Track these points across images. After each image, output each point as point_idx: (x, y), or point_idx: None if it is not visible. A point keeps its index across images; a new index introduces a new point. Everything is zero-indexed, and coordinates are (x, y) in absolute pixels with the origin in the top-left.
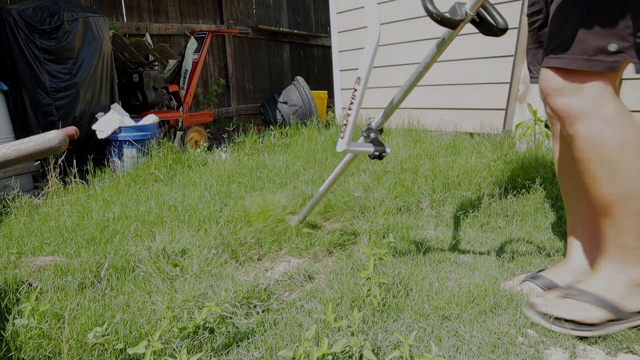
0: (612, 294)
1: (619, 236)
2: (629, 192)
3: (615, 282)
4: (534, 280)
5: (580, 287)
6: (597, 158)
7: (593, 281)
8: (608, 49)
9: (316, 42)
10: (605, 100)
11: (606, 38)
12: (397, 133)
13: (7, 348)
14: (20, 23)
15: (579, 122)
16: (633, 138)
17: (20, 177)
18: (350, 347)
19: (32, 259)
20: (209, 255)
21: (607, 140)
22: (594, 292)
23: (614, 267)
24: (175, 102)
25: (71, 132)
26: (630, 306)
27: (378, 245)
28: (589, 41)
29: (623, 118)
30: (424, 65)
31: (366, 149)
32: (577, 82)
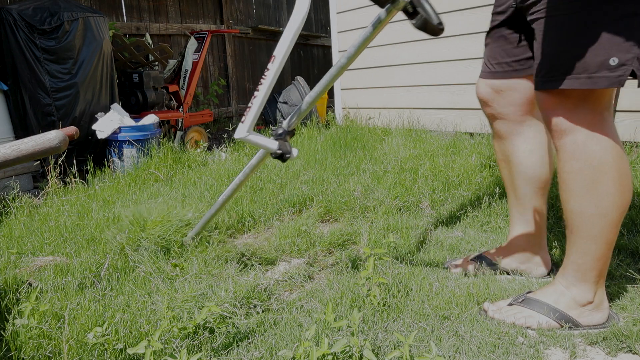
0: (560, 304)
1: (577, 254)
2: (597, 212)
3: (564, 294)
4: (478, 259)
5: (531, 297)
6: (577, 173)
7: (545, 291)
8: (610, 63)
9: (316, 42)
10: (597, 116)
11: (606, 53)
12: (397, 133)
13: (7, 348)
14: (20, 23)
15: (567, 135)
16: (614, 161)
17: (20, 177)
18: (350, 347)
19: (32, 259)
20: None
21: (590, 157)
22: (544, 302)
23: (566, 282)
24: (175, 102)
25: (71, 132)
26: (579, 319)
27: (378, 245)
28: (588, 59)
29: (609, 139)
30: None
31: (268, 144)
32: (572, 100)
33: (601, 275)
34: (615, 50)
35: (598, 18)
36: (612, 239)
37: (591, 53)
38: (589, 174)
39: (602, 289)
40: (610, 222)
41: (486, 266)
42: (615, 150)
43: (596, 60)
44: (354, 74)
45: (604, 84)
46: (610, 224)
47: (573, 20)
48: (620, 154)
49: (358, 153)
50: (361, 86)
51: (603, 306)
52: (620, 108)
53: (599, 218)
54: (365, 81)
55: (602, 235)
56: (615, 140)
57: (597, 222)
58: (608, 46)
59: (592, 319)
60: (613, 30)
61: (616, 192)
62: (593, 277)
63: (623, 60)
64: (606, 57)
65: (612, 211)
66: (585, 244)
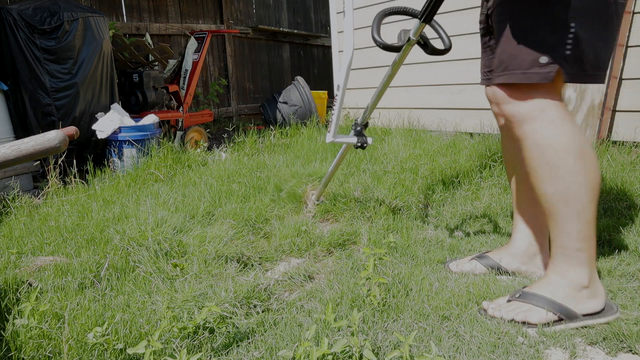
0: (556, 296)
1: (561, 237)
2: (567, 192)
3: (559, 284)
4: (479, 259)
5: (527, 291)
6: (541, 158)
7: (540, 285)
8: (540, 61)
9: (316, 42)
10: (549, 105)
11: (537, 52)
12: (397, 133)
13: (7, 348)
14: (20, 23)
15: (525, 125)
16: (572, 141)
17: (20, 177)
18: (350, 347)
19: (32, 259)
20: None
21: (549, 141)
22: (541, 295)
23: (558, 271)
24: (175, 102)
25: (71, 132)
26: (576, 308)
27: (378, 245)
28: (522, 56)
29: (564, 122)
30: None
31: (350, 140)
32: (522, 92)
33: (591, 257)
34: (545, 50)
35: (532, 22)
36: (591, 217)
37: (525, 52)
38: (551, 157)
39: (595, 276)
40: (583, 199)
41: (487, 266)
42: (572, 132)
43: (529, 58)
44: (354, 74)
45: (536, 79)
46: (585, 201)
47: (514, 24)
48: (577, 135)
49: (358, 153)
50: (361, 86)
51: (598, 292)
52: (620, 108)
53: (571, 197)
54: (365, 81)
55: (579, 213)
56: (571, 121)
57: (571, 201)
58: (539, 46)
59: (589, 306)
60: (544, 32)
61: (580, 170)
62: (583, 259)
63: (552, 58)
64: (537, 55)
65: (582, 189)
66: (565, 225)
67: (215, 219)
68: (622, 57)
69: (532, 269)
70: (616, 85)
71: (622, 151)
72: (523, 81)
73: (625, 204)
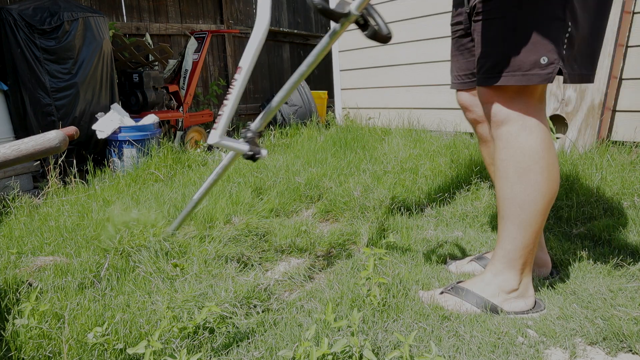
0: (485, 293)
1: (506, 240)
2: (526, 199)
3: (490, 283)
4: (478, 261)
5: (460, 285)
6: (510, 160)
7: (473, 281)
8: (541, 62)
9: (316, 42)
10: (530, 109)
11: (537, 52)
12: (397, 133)
13: (7, 348)
14: (20, 23)
15: (503, 126)
16: (543, 151)
17: (20, 177)
18: (350, 347)
19: (32, 259)
20: None
21: (522, 146)
22: (471, 290)
23: (493, 270)
24: (175, 102)
25: (71, 132)
26: (502, 306)
27: (378, 245)
28: (522, 58)
29: (540, 130)
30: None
31: (239, 146)
32: (508, 94)
33: (527, 264)
34: (545, 51)
35: (527, 21)
36: (538, 229)
37: (525, 53)
38: (521, 161)
39: (528, 278)
40: (537, 210)
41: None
42: (546, 142)
43: (529, 59)
44: (354, 74)
45: (537, 80)
46: (537, 211)
47: (502, 24)
48: (550, 146)
49: (358, 153)
50: (361, 86)
51: (528, 294)
52: (620, 108)
53: (528, 205)
54: (365, 81)
55: (530, 222)
56: (546, 133)
57: (526, 209)
58: (539, 47)
59: (516, 305)
60: (542, 32)
61: (544, 181)
62: (519, 266)
63: (552, 59)
64: (538, 56)
65: (540, 199)
66: (514, 231)
67: None
68: (622, 57)
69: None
70: (616, 85)
71: (622, 151)
72: (523, 83)
73: (625, 204)
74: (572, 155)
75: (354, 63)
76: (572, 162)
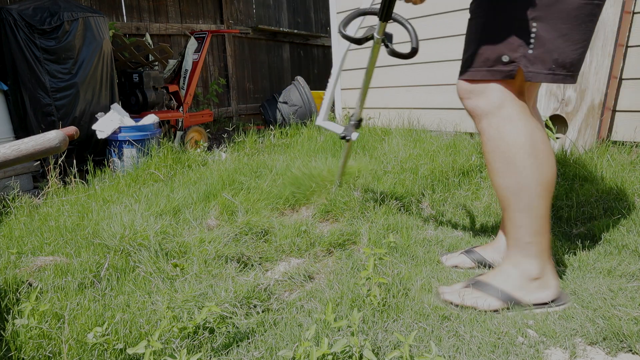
0: (507, 285)
1: (513, 229)
2: (518, 186)
3: (511, 275)
4: (467, 254)
5: (480, 279)
6: (495, 151)
7: (493, 274)
8: (502, 59)
9: (316, 42)
10: (506, 102)
11: (500, 51)
12: (397, 133)
13: (7, 348)
14: (20, 23)
15: (483, 119)
16: (526, 137)
17: (20, 177)
18: (350, 347)
19: (32, 259)
20: None
21: (504, 136)
22: (491, 283)
23: (511, 261)
24: (175, 102)
25: (71, 132)
26: (525, 298)
27: (378, 245)
28: (487, 54)
29: (520, 119)
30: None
31: (334, 129)
32: (480, 88)
33: (543, 252)
34: (507, 49)
35: (495, 22)
36: (543, 213)
37: (489, 50)
38: (505, 151)
39: (549, 267)
40: (535, 194)
41: (474, 260)
42: (527, 128)
43: (492, 56)
44: (354, 74)
45: (500, 76)
46: (536, 195)
47: (479, 24)
48: (533, 131)
49: (358, 153)
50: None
51: (550, 284)
52: (620, 108)
53: (522, 191)
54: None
55: (530, 207)
56: (528, 120)
57: (522, 195)
58: (502, 45)
59: (539, 296)
60: (505, 32)
61: (532, 165)
62: (533, 251)
63: (512, 57)
64: (500, 54)
65: (533, 183)
66: (517, 217)
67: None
68: (622, 57)
69: None
70: (616, 85)
71: (622, 151)
72: (487, 77)
73: (625, 204)
74: (572, 155)
75: (354, 63)
76: (572, 162)
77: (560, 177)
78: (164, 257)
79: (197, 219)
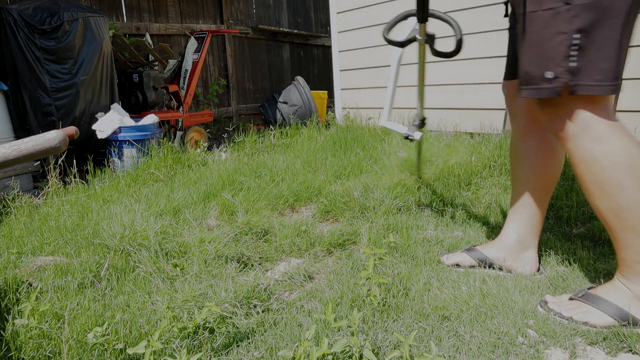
0: (620, 302)
1: (619, 249)
2: (618, 208)
3: (624, 292)
4: (468, 252)
5: (591, 292)
6: (587, 174)
7: (606, 289)
8: (546, 76)
9: (316, 42)
10: (593, 120)
11: (543, 67)
12: (397, 133)
13: (7, 348)
14: (20, 23)
15: (569, 142)
16: (621, 156)
17: (20, 177)
18: (350, 347)
19: (32, 259)
20: None
21: (595, 158)
22: (604, 298)
23: (623, 280)
24: (175, 102)
25: (71, 132)
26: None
27: (378, 245)
28: (532, 72)
29: (610, 137)
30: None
31: (398, 129)
32: (561, 109)
33: None
34: (550, 65)
35: (537, 36)
36: None
37: (533, 67)
38: (597, 174)
39: None
40: (636, 214)
41: (475, 258)
42: (621, 147)
43: (537, 73)
44: (354, 74)
45: (546, 94)
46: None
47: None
48: (628, 149)
49: (358, 153)
50: (361, 86)
51: None
52: (620, 108)
53: (622, 213)
54: (365, 81)
55: (634, 228)
56: (619, 138)
57: (623, 217)
58: (545, 61)
59: None
60: (548, 46)
61: (633, 186)
62: None
63: (556, 73)
64: (543, 70)
65: (634, 204)
66: (620, 239)
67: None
68: None
69: (517, 264)
70: None
71: None
72: (534, 96)
73: None
74: None
75: (354, 63)
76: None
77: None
78: (164, 257)
79: (197, 219)
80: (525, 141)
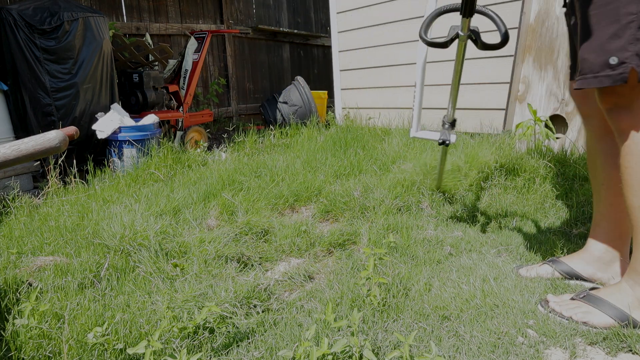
0: (622, 304)
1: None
2: None
3: (628, 295)
4: (552, 263)
5: (593, 293)
6: (634, 167)
7: (609, 290)
8: (610, 62)
9: (316, 42)
10: None
11: (606, 53)
12: (397, 133)
13: (7, 348)
14: (20, 23)
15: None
16: None
17: (20, 177)
18: (350, 347)
19: (32, 259)
20: None
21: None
22: (606, 300)
23: (630, 283)
24: (175, 102)
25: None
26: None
27: (378, 245)
28: (592, 59)
29: None
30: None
31: (431, 136)
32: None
33: None
34: (614, 50)
35: (598, 19)
36: None
37: (594, 54)
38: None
39: None
40: None
41: (561, 272)
42: None
43: (598, 60)
44: (354, 74)
45: (608, 82)
46: None
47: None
48: None
49: (358, 153)
50: (361, 86)
51: None
52: None
53: None
54: (365, 81)
55: None
56: None
57: None
58: (607, 46)
59: None
60: (611, 31)
61: None
62: None
63: (622, 58)
64: (607, 57)
65: None
66: None
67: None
68: None
69: (608, 275)
70: None
71: None
72: (594, 85)
73: None
74: (572, 155)
75: (353, 63)
76: (572, 162)
77: (560, 177)
78: (164, 257)
79: (197, 219)
80: (603, 142)
